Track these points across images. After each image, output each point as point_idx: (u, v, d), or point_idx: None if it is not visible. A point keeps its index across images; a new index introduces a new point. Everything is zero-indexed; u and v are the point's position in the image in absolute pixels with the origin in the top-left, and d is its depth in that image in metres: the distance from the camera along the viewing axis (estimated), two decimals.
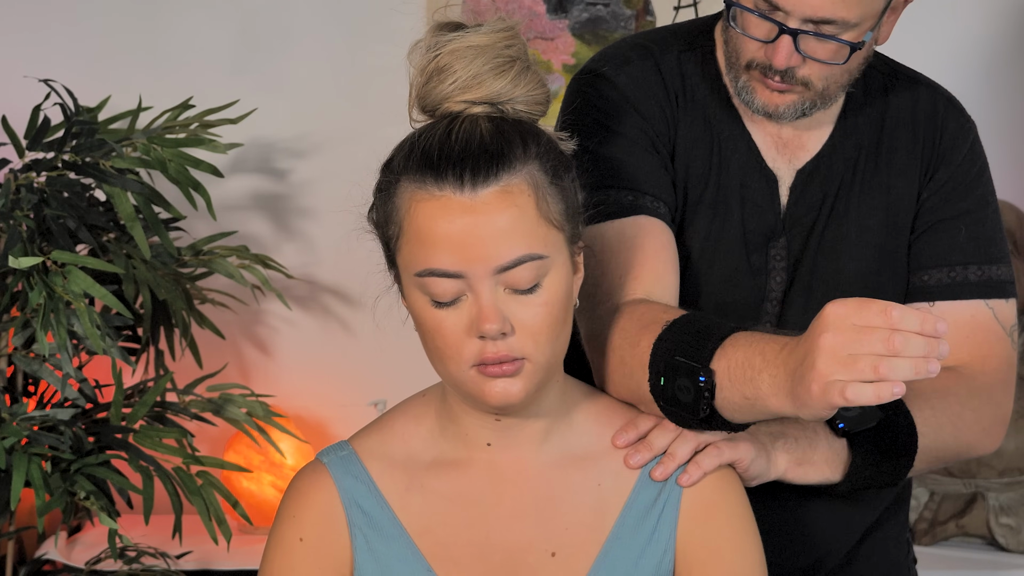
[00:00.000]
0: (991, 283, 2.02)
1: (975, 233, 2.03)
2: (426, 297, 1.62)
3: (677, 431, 1.72)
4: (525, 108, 1.66)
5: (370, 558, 1.70)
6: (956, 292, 2.00)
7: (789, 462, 1.84)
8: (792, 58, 1.90)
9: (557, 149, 1.67)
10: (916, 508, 3.46)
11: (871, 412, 1.86)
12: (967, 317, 2.00)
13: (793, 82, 1.93)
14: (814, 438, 1.86)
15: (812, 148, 2.04)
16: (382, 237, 1.67)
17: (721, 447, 1.74)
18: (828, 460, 1.87)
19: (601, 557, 1.70)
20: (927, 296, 2.01)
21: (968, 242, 2.02)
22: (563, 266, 1.64)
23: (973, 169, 2.05)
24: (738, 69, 1.96)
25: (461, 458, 1.72)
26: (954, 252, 2.01)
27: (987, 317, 2.01)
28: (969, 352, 1.99)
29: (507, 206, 1.60)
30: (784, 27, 1.89)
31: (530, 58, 1.67)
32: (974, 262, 2.02)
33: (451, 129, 1.63)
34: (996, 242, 2.04)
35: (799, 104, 1.95)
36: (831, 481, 1.88)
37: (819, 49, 1.91)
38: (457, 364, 1.62)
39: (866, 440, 1.87)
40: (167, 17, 3.50)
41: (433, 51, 1.65)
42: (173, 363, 3.12)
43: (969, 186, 2.04)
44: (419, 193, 1.61)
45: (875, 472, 1.88)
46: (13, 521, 2.87)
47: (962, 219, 2.03)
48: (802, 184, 2.03)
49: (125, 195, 2.78)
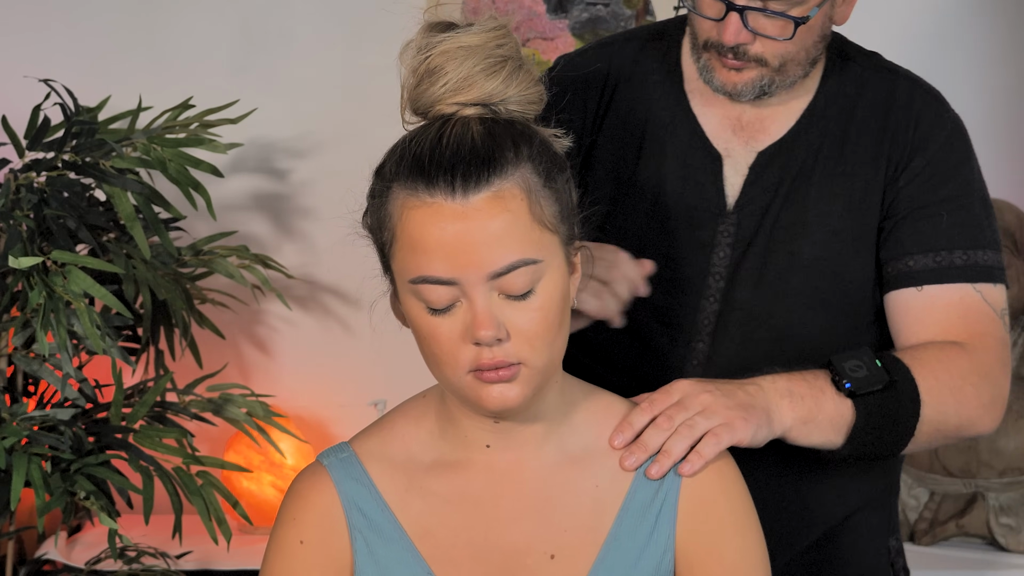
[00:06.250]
0: (977, 267, 2.03)
1: (959, 220, 2.04)
2: (421, 304, 1.62)
3: (671, 429, 1.72)
4: (518, 108, 1.65)
5: (370, 560, 1.70)
6: (942, 276, 2.02)
7: (795, 420, 1.85)
8: (741, 35, 1.97)
9: (550, 150, 1.66)
10: (916, 508, 3.46)
11: (878, 374, 1.88)
12: (956, 300, 2.02)
13: (746, 59, 1.99)
14: (821, 398, 1.87)
15: (775, 132, 2.08)
16: (376, 243, 1.67)
17: (719, 434, 1.73)
18: (833, 421, 1.87)
19: (600, 559, 1.70)
20: (913, 281, 2.03)
21: (952, 228, 2.03)
22: (558, 269, 1.63)
23: (952, 158, 2.06)
24: (699, 50, 2.02)
25: (460, 460, 1.71)
26: (938, 238, 2.03)
27: (976, 300, 2.02)
28: (965, 332, 2.00)
29: (499, 211, 1.58)
30: (732, 4, 1.95)
31: (523, 56, 1.66)
32: (959, 247, 2.03)
33: (442, 133, 1.61)
34: (983, 229, 2.05)
35: (757, 81, 2.01)
36: (833, 444, 1.88)
37: (768, 25, 1.96)
38: (453, 370, 1.62)
39: (871, 404, 1.88)
40: (167, 17, 3.50)
41: (424, 52, 1.64)
42: (173, 363, 3.12)
43: (948, 174, 2.05)
44: (411, 200, 1.60)
45: (877, 438, 1.89)
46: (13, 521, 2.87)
47: (944, 206, 2.04)
48: (762, 166, 2.07)
49: (125, 195, 2.77)
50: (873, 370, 1.89)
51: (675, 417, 1.73)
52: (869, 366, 1.90)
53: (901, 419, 1.91)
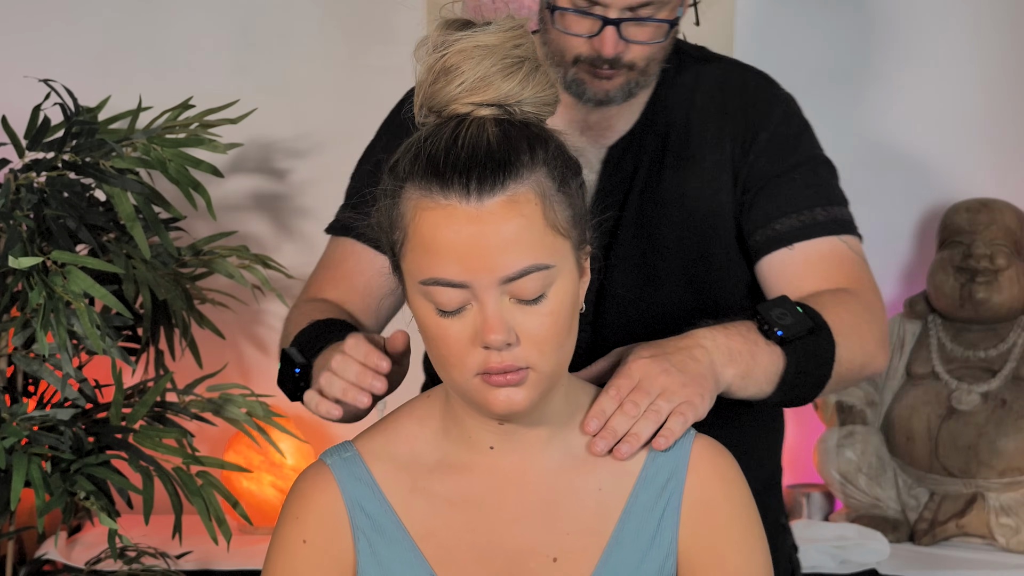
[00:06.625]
0: (838, 222, 2.16)
1: (812, 181, 2.18)
2: (431, 305, 1.61)
3: (637, 415, 1.74)
4: (533, 109, 1.64)
5: (373, 561, 1.69)
6: (809, 232, 2.15)
7: (735, 376, 1.91)
8: (618, 45, 2.09)
9: (565, 154, 1.65)
10: (916, 508, 3.46)
11: (802, 319, 1.95)
12: (827, 251, 2.15)
13: (620, 67, 2.12)
14: (756, 351, 1.93)
15: (622, 128, 2.23)
16: (387, 241, 1.66)
17: (684, 412, 1.76)
18: (767, 372, 1.94)
19: (602, 561, 1.69)
20: (783, 241, 2.15)
21: (807, 189, 2.17)
22: (569, 274, 1.63)
23: (793, 129, 2.21)
24: (566, 66, 2.13)
25: (464, 462, 1.71)
26: (797, 199, 2.16)
27: (845, 249, 2.15)
28: (844, 278, 2.12)
29: (513, 215, 1.58)
30: (607, 19, 2.07)
31: (540, 57, 1.65)
32: (818, 205, 2.17)
33: (457, 134, 1.60)
34: (833, 188, 2.20)
35: (627, 86, 2.14)
36: (765, 394, 1.96)
37: (640, 32, 2.10)
38: (461, 372, 1.62)
39: (799, 349, 1.95)
40: (167, 17, 3.50)
41: (440, 50, 1.62)
42: (173, 363, 3.12)
43: (792, 143, 2.20)
44: (424, 200, 1.60)
45: (803, 381, 1.97)
46: (13, 521, 2.87)
47: (795, 171, 2.18)
48: (614, 160, 2.21)
49: (125, 195, 2.77)
50: (797, 316, 1.96)
51: (640, 403, 1.75)
52: (792, 312, 1.97)
53: (824, 361, 1.99)
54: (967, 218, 3.54)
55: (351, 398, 1.77)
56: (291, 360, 2.01)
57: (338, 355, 1.80)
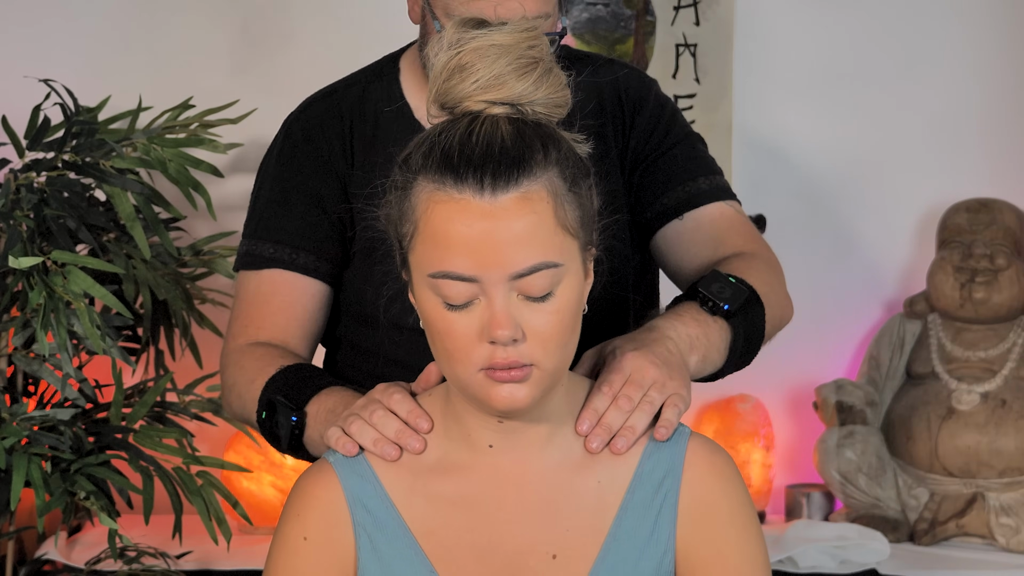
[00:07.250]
0: (721, 188, 2.19)
1: (690, 155, 2.21)
2: (438, 298, 1.62)
3: (631, 410, 1.74)
4: (544, 110, 1.66)
5: (374, 558, 1.70)
6: (696, 200, 2.17)
7: (697, 362, 1.92)
8: None
9: (576, 155, 1.67)
10: (916, 508, 3.46)
11: (738, 288, 1.98)
12: (718, 215, 2.17)
13: None
14: (708, 332, 1.95)
15: None
16: (395, 234, 1.67)
17: (676, 403, 1.77)
18: (719, 350, 1.96)
19: (600, 558, 1.70)
20: (673, 214, 2.17)
21: (687, 162, 2.19)
22: (576, 274, 1.64)
23: (666, 111, 2.23)
24: None
25: (464, 460, 1.71)
26: (680, 172, 2.18)
27: (733, 213, 2.18)
28: (741, 241, 2.15)
29: (526, 212, 1.59)
30: None
31: (553, 59, 1.66)
32: (700, 175, 2.19)
33: (472, 130, 1.61)
34: (711, 160, 2.23)
35: None
36: (717, 369, 1.98)
37: None
38: (465, 367, 1.62)
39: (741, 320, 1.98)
40: (167, 17, 3.50)
41: (455, 48, 1.63)
42: (173, 363, 3.12)
43: (668, 122, 2.22)
44: (437, 194, 1.60)
45: (746, 350, 2.00)
46: (13, 521, 2.87)
47: (675, 149, 2.20)
48: None
49: (125, 195, 2.78)
50: (733, 288, 1.97)
51: (633, 396, 1.75)
52: (729, 285, 1.98)
53: (759, 325, 2.01)
54: (967, 218, 3.55)
55: (379, 450, 1.72)
56: (281, 408, 1.96)
57: (380, 410, 1.75)
